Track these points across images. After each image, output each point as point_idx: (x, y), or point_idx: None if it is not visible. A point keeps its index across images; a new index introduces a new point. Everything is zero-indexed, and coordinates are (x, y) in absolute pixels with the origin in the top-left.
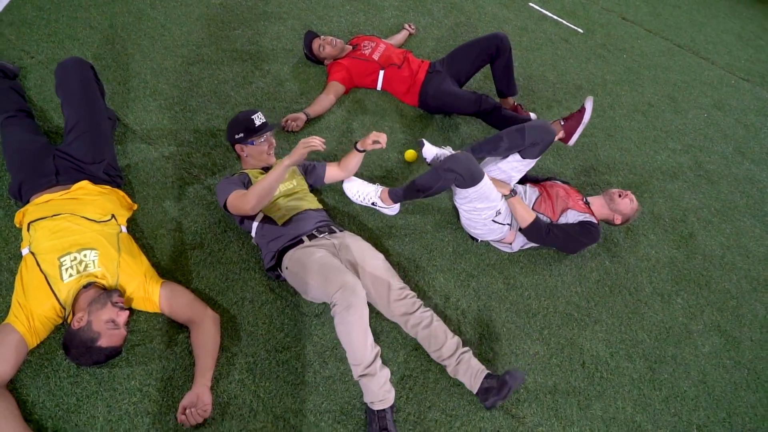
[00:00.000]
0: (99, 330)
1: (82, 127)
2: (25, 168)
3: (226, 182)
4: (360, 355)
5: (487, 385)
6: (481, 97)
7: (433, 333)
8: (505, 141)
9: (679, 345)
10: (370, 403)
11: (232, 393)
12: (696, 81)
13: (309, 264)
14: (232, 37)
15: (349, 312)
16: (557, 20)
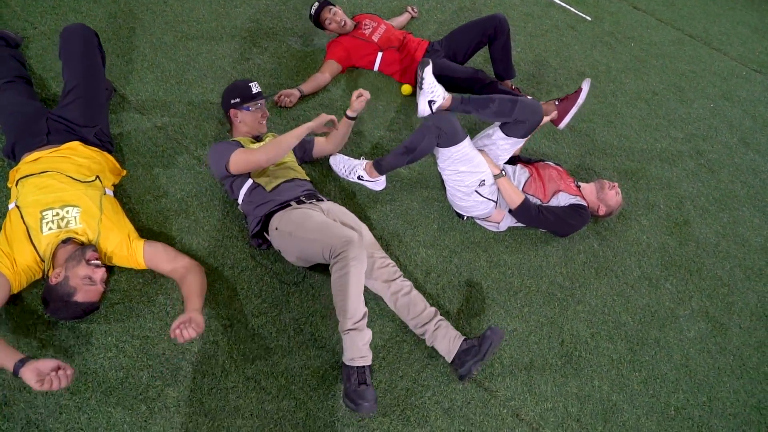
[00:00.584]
0: (75, 285)
1: (78, 91)
2: (19, 129)
3: (223, 145)
4: (354, 308)
5: (467, 346)
6: (478, 71)
7: (412, 300)
8: (495, 104)
9: (663, 329)
10: (350, 360)
11: (206, 353)
12: (705, 71)
13: (307, 222)
14: (233, 15)
15: (353, 263)
16: (565, 7)
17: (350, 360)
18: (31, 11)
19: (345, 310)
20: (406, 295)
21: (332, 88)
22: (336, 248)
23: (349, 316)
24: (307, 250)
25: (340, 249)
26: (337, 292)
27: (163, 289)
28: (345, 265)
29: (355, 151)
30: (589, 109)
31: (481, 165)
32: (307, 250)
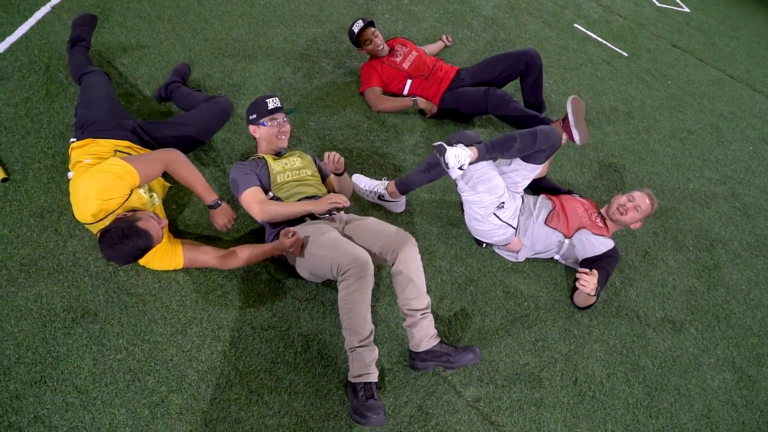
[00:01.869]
0: (141, 216)
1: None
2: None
3: (242, 170)
4: (361, 325)
5: (440, 349)
6: (489, 89)
7: (412, 281)
8: (517, 142)
9: (684, 376)
10: (358, 377)
11: (212, 363)
12: (745, 113)
13: (319, 238)
14: (270, 35)
15: (360, 282)
16: (601, 42)
17: (357, 377)
18: None
19: (352, 328)
20: (410, 272)
21: (359, 110)
22: (343, 266)
23: (355, 334)
24: (317, 266)
25: (347, 267)
26: (344, 310)
27: (178, 296)
28: (351, 284)
29: (378, 173)
30: (620, 145)
31: (500, 187)
32: (317, 266)
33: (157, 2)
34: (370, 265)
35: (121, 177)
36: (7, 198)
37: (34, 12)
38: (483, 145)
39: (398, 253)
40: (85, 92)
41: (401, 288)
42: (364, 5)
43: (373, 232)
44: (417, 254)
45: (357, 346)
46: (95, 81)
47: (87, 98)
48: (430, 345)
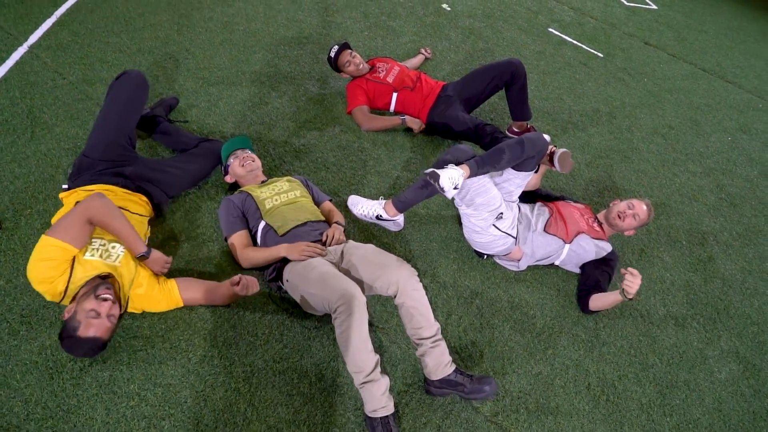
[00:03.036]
0: (80, 319)
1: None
2: (102, 157)
3: (227, 213)
4: (361, 362)
5: (455, 379)
6: (478, 126)
7: (417, 311)
8: (506, 154)
9: (692, 371)
10: (372, 412)
11: (228, 401)
12: (721, 104)
13: (309, 275)
14: (252, 60)
15: (350, 318)
16: (576, 45)
17: (372, 412)
18: (61, 62)
19: (354, 365)
20: (416, 301)
21: (349, 130)
22: (333, 303)
23: (358, 371)
24: (312, 302)
25: (337, 304)
26: (343, 348)
27: (186, 335)
28: (343, 321)
29: (373, 192)
30: (605, 146)
31: (497, 198)
32: (312, 303)
33: (136, 35)
34: (360, 298)
35: (47, 258)
36: (0, 248)
37: (11, 53)
38: (474, 162)
39: (399, 286)
40: (102, 116)
41: (408, 319)
42: (342, 24)
43: (371, 266)
44: (418, 283)
45: (364, 382)
46: (112, 112)
47: (98, 126)
48: (445, 374)
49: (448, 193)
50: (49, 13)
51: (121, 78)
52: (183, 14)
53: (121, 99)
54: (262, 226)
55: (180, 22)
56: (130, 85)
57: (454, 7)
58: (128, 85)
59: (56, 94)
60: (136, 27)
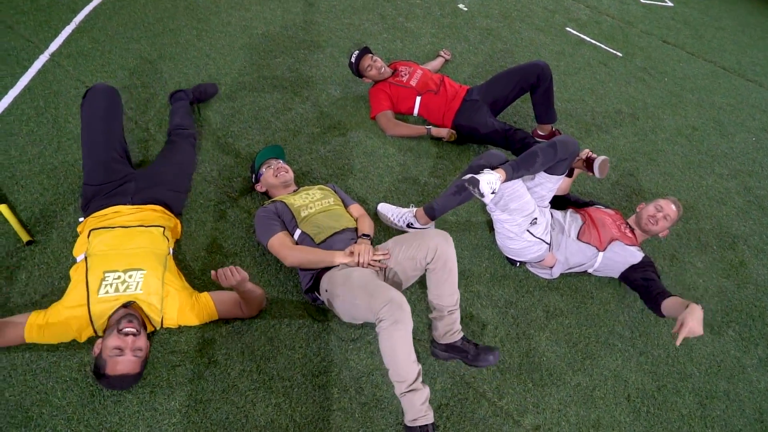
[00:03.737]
0: (105, 358)
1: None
2: (104, 181)
3: (264, 217)
4: (405, 371)
5: (461, 346)
6: (508, 131)
7: (447, 280)
8: (540, 157)
9: (731, 380)
10: (413, 421)
11: (269, 417)
12: (743, 104)
13: (350, 283)
14: (273, 65)
15: (396, 327)
16: (595, 44)
17: (413, 421)
18: (83, 70)
19: (397, 374)
20: (445, 272)
21: (374, 135)
22: (377, 310)
23: (401, 380)
24: (354, 311)
25: (383, 312)
26: (387, 357)
27: (223, 349)
28: (389, 329)
29: (402, 200)
30: (630, 148)
31: (531, 203)
32: (354, 312)
33: (156, 41)
34: (406, 307)
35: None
36: (34, 262)
37: (33, 61)
38: (509, 166)
39: (437, 250)
40: (85, 143)
41: (435, 284)
42: (360, 26)
43: (407, 240)
44: (453, 251)
45: (406, 391)
46: (93, 131)
47: (86, 150)
48: (453, 339)
49: (486, 198)
50: (68, 20)
51: (88, 96)
52: (201, 19)
53: (98, 115)
54: (298, 234)
55: (199, 27)
56: (101, 99)
57: (471, 7)
58: (99, 99)
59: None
60: (156, 32)
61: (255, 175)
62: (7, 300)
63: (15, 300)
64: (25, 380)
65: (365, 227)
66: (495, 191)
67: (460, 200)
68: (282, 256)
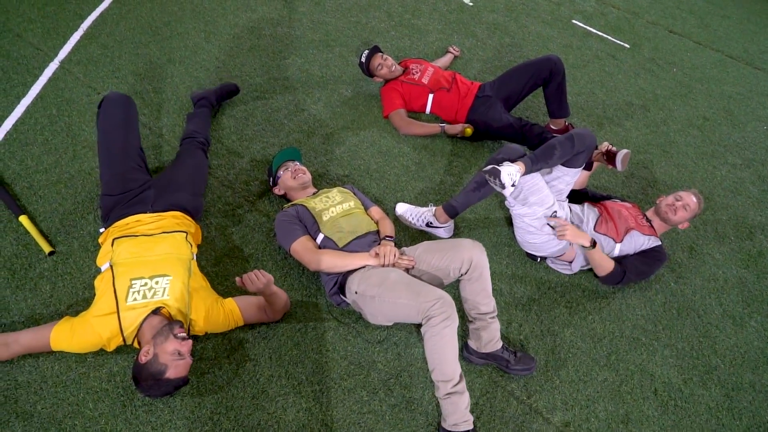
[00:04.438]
0: (165, 362)
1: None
2: (122, 191)
3: (285, 222)
4: (451, 370)
5: (501, 354)
6: (524, 127)
7: (484, 289)
8: (558, 150)
9: (756, 371)
10: (453, 426)
11: (300, 422)
12: (752, 92)
13: (390, 283)
14: (283, 66)
15: (447, 323)
16: (602, 36)
17: (453, 425)
18: (93, 77)
19: (443, 373)
20: (480, 283)
21: (387, 134)
22: (426, 309)
23: (447, 379)
24: (395, 312)
25: (432, 309)
26: (433, 355)
27: (251, 354)
28: (439, 325)
29: (420, 199)
30: (643, 140)
31: (550, 197)
32: (395, 312)
33: (165, 45)
34: (454, 305)
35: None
36: (57, 272)
37: (43, 69)
38: (528, 158)
39: (473, 262)
40: (102, 155)
41: (473, 295)
42: (367, 24)
43: (440, 252)
44: (487, 260)
45: (450, 392)
46: (110, 141)
47: (104, 161)
48: (495, 348)
49: (507, 190)
50: (75, 27)
51: (103, 106)
52: (209, 21)
53: (114, 126)
54: (321, 238)
55: (207, 30)
56: (116, 110)
57: (476, 1)
58: (115, 109)
59: (93, 110)
60: (164, 36)
61: (273, 178)
62: (33, 311)
63: (40, 311)
64: (56, 392)
65: (387, 229)
66: (515, 183)
67: (481, 196)
68: (306, 260)
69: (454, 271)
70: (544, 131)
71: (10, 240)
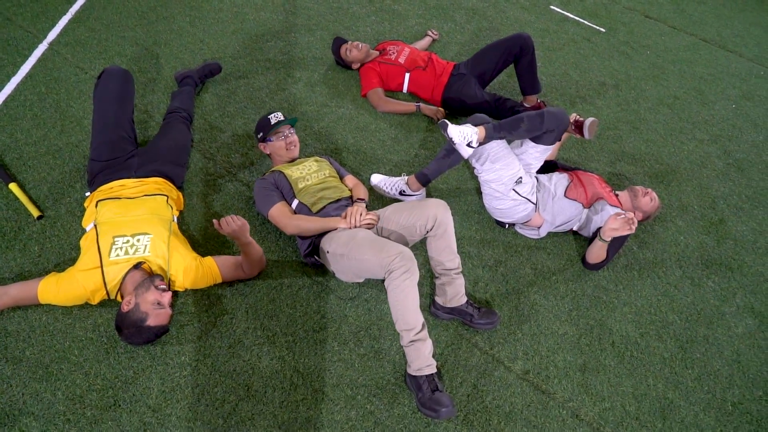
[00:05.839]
0: (146, 311)
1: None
2: (108, 157)
3: (263, 189)
4: (413, 319)
5: (465, 309)
6: (498, 100)
7: (449, 245)
8: (525, 123)
9: (710, 326)
10: (418, 370)
11: (273, 368)
12: (723, 73)
13: (357, 241)
14: (265, 49)
15: (406, 276)
16: (579, 21)
17: (417, 370)
18: (81, 57)
19: (406, 322)
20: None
21: (364, 111)
22: (388, 263)
23: (410, 328)
24: (361, 268)
25: (394, 263)
26: (395, 306)
27: (228, 309)
28: (399, 278)
29: (394, 171)
30: (614, 117)
31: (516, 163)
32: (361, 269)
33: (151, 28)
34: (413, 258)
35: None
36: (46, 235)
37: (33, 50)
38: (491, 125)
39: (437, 218)
40: (95, 121)
41: (438, 251)
42: (348, 9)
43: (407, 210)
44: (451, 218)
45: (414, 340)
46: (105, 111)
47: (96, 128)
48: (460, 303)
49: (460, 148)
50: (64, 11)
51: (103, 77)
52: (194, 6)
53: (111, 96)
54: (296, 204)
55: (192, 14)
56: (115, 81)
57: None
58: (114, 81)
59: (80, 89)
60: (150, 20)
61: (264, 135)
62: (22, 269)
63: (29, 269)
64: (44, 340)
65: (360, 193)
66: (471, 144)
67: (451, 162)
68: (282, 225)
69: (420, 228)
70: (516, 105)
71: (0, 206)
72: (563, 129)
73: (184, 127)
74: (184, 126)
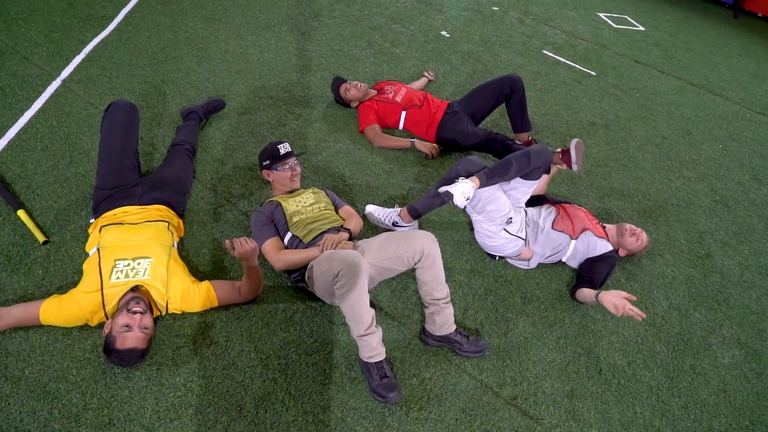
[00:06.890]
0: (114, 334)
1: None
2: (114, 185)
3: (259, 222)
4: (361, 316)
5: (455, 338)
6: (489, 135)
7: (437, 276)
8: (514, 165)
9: (697, 356)
10: (368, 358)
11: (266, 389)
12: (710, 115)
13: (318, 262)
14: (268, 87)
15: (351, 279)
16: (570, 65)
17: (368, 357)
18: (92, 93)
19: (354, 320)
20: (433, 270)
21: (361, 146)
22: (335, 269)
23: (360, 324)
24: (325, 285)
25: (339, 270)
26: (344, 307)
27: (223, 332)
28: (344, 283)
29: (388, 203)
30: (603, 155)
31: (507, 204)
32: (326, 286)
33: (159, 67)
34: (361, 264)
35: (77, 311)
36: (50, 259)
37: (46, 87)
38: (483, 174)
39: (425, 251)
40: (102, 154)
41: (425, 281)
42: (348, 52)
43: (395, 242)
44: (439, 250)
45: (363, 335)
46: (111, 139)
47: (103, 157)
48: (449, 331)
49: (460, 205)
50: (78, 50)
51: (111, 108)
52: (201, 47)
53: (118, 126)
54: (289, 237)
55: (199, 55)
56: (122, 112)
57: (453, 34)
58: (120, 112)
59: (90, 122)
60: (159, 60)
61: (270, 162)
62: (26, 292)
63: (33, 292)
64: (43, 360)
65: (349, 223)
66: (469, 198)
67: (440, 202)
68: (271, 260)
69: (408, 259)
70: (506, 138)
71: (8, 231)
72: (548, 162)
73: (187, 158)
74: (186, 157)
